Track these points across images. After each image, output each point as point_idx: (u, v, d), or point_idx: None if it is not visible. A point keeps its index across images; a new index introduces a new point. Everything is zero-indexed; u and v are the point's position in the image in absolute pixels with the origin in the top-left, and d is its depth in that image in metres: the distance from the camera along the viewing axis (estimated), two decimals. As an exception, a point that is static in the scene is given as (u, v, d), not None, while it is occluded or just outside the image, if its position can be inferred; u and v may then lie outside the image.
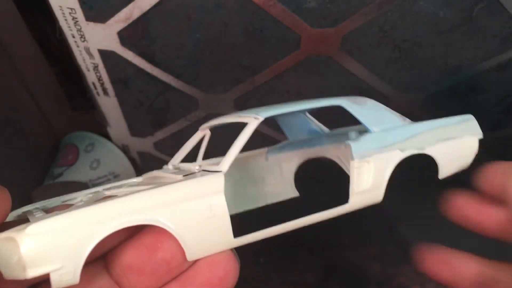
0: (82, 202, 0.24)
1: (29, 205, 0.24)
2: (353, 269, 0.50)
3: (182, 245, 0.21)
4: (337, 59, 0.42)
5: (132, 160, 0.59)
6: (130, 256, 0.21)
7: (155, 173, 0.27)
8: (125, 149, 0.58)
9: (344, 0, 0.36)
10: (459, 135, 0.28)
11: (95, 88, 0.48)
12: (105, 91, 0.48)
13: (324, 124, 0.34)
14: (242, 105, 0.48)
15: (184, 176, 0.23)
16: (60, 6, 0.38)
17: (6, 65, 0.53)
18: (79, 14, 0.38)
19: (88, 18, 0.39)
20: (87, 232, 0.19)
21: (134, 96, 0.48)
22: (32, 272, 0.17)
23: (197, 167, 0.24)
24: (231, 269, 0.22)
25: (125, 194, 0.20)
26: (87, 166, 0.57)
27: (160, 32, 0.40)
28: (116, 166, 0.58)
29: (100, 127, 0.57)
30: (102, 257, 0.22)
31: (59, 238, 0.18)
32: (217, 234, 0.21)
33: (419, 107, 0.47)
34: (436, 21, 0.38)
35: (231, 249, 0.22)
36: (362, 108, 0.27)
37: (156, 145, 0.56)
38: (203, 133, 0.29)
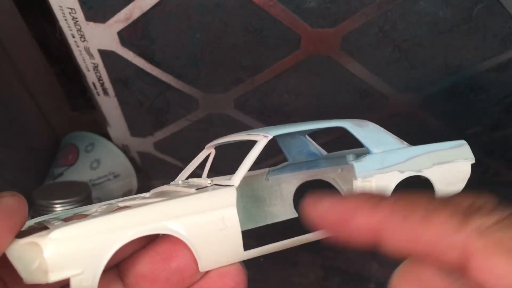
0: (98, 213, 0.24)
1: (42, 217, 0.25)
2: (353, 269, 0.50)
3: (195, 255, 0.21)
4: (337, 59, 0.42)
5: (132, 160, 0.59)
6: (144, 265, 0.22)
7: (165, 187, 0.28)
8: (125, 149, 0.58)
9: (344, 0, 0.36)
10: (453, 159, 0.29)
11: (95, 88, 0.48)
12: (105, 91, 0.48)
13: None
14: (242, 105, 0.48)
15: (196, 189, 0.24)
16: (60, 6, 0.38)
17: (6, 65, 0.53)
18: (79, 14, 0.38)
19: (88, 18, 0.39)
20: (108, 239, 0.19)
21: (134, 96, 0.48)
22: (54, 276, 0.18)
23: (208, 182, 0.25)
24: (241, 281, 0.22)
25: (141, 205, 0.21)
26: (87, 166, 0.57)
27: (160, 32, 0.40)
28: (116, 166, 0.58)
29: (100, 127, 0.57)
30: (116, 266, 0.23)
31: (81, 244, 0.19)
32: (229, 246, 0.22)
33: (419, 107, 0.47)
34: (436, 21, 0.38)
35: (240, 262, 0.23)
36: (363, 130, 0.28)
37: (156, 145, 0.56)
38: (209, 151, 0.30)
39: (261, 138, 0.25)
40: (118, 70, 0.45)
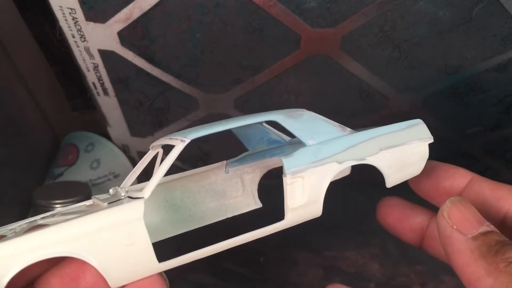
0: (13, 233, 0.24)
1: None
2: (353, 269, 0.50)
3: (103, 274, 0.21)
4: (337, 59, 0.42)
5: (132, 160, 0.59)
6: (54, 286, 0.22)
7: (94, 199, 0.27)
8: (125, 149, 0.58)
9: (344, 0, 0.36)
10: (405, 141, 0.27)
11: (95, 88, 0.48)
12: (105, 91, 0.48)
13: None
14: (242, 105, 0.48)
15: (109, 204, 0.23)
16: (60, 6, 0.38)
17: (6, 65, 0.53)
18: (79, 14, 0.39)
19: (88, 18, 0.39)
20: (3, 265, 0.19)
21: (134, 96, 0.48)
22: None
23: (123, 194, 0.24)
24: None
25: (52, 225, 0.21)
26: (87, 166, 0.57)
27: (160, 32, 0.40)
28: (116, 166, 0.58)
29: (100, 127, 0.57)
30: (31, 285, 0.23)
31: None
32: (139, 260, 0.22)
33: (419, 107, 0.47)
34: (436, 21, 0.38)
35: (160, 273, 0.23)
36: (297, 121, 0.26)
37: (156, 145, 0.56)
38: (156, 151, 0.28)
39: (178, 143, 0.24)
40: (118, 70, 0.45)
